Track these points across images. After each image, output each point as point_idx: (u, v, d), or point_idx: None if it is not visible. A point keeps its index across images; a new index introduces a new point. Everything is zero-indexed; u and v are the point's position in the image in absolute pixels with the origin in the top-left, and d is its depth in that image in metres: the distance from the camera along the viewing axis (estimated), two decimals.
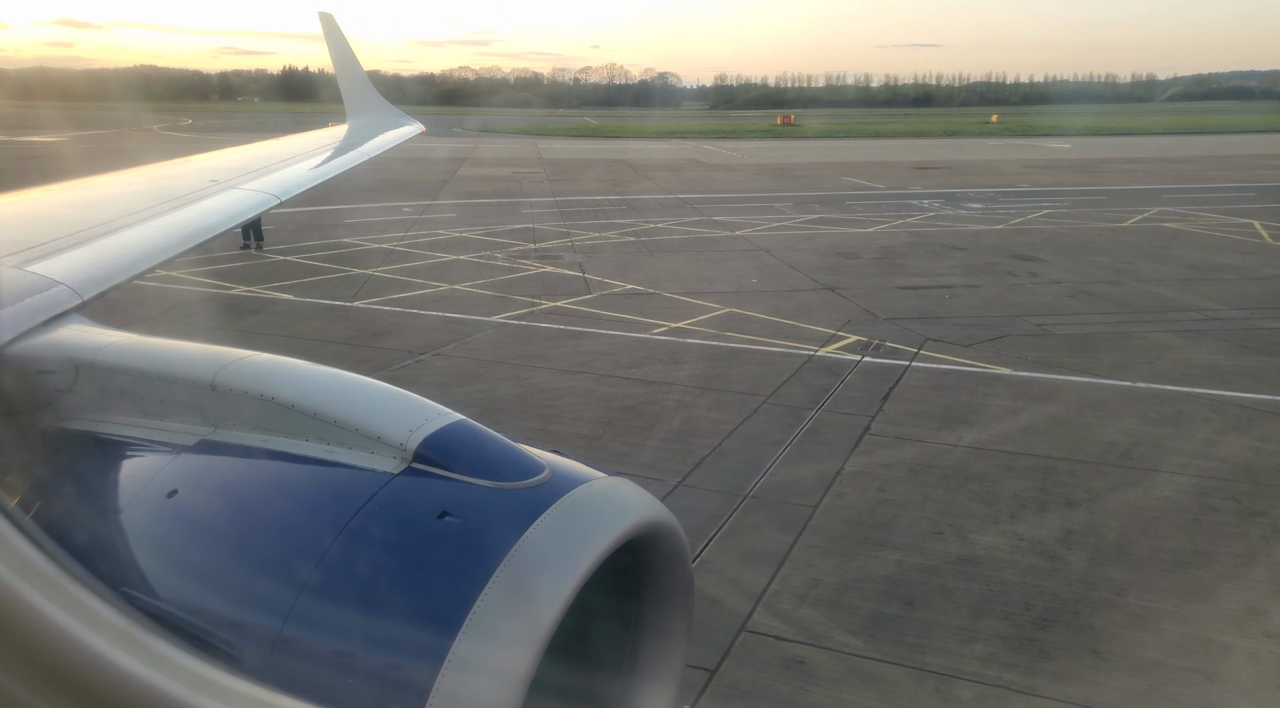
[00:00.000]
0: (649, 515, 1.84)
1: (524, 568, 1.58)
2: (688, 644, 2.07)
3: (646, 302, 16.92)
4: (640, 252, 22.37)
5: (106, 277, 3.12)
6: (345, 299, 17.07)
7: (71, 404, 2.25)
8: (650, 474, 9.05)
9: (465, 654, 1.49)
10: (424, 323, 15.37)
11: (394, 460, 1.83)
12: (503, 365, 12.99)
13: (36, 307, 2.55)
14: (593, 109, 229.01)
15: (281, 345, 13.53)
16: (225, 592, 1.71)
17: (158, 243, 3.84)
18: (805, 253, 22.24)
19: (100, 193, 4.88)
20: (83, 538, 1.91)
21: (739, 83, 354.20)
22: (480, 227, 26.01)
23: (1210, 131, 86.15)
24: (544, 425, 10.54)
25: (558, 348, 13.86)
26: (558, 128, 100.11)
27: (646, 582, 1.97)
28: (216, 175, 5.56)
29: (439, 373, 12.67)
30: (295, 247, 22.45)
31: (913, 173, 45.04)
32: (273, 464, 1.93)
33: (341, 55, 12.13)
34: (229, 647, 1.59)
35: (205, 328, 14.99)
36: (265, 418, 1.99)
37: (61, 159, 45.27)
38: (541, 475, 1.79)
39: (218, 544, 1.81)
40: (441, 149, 62.59)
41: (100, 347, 2.31)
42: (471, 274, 19.31)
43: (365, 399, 2.02)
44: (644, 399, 11.48)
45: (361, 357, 13.28)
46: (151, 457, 2.05)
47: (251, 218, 20.33)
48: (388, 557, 1.69)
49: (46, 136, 61.62)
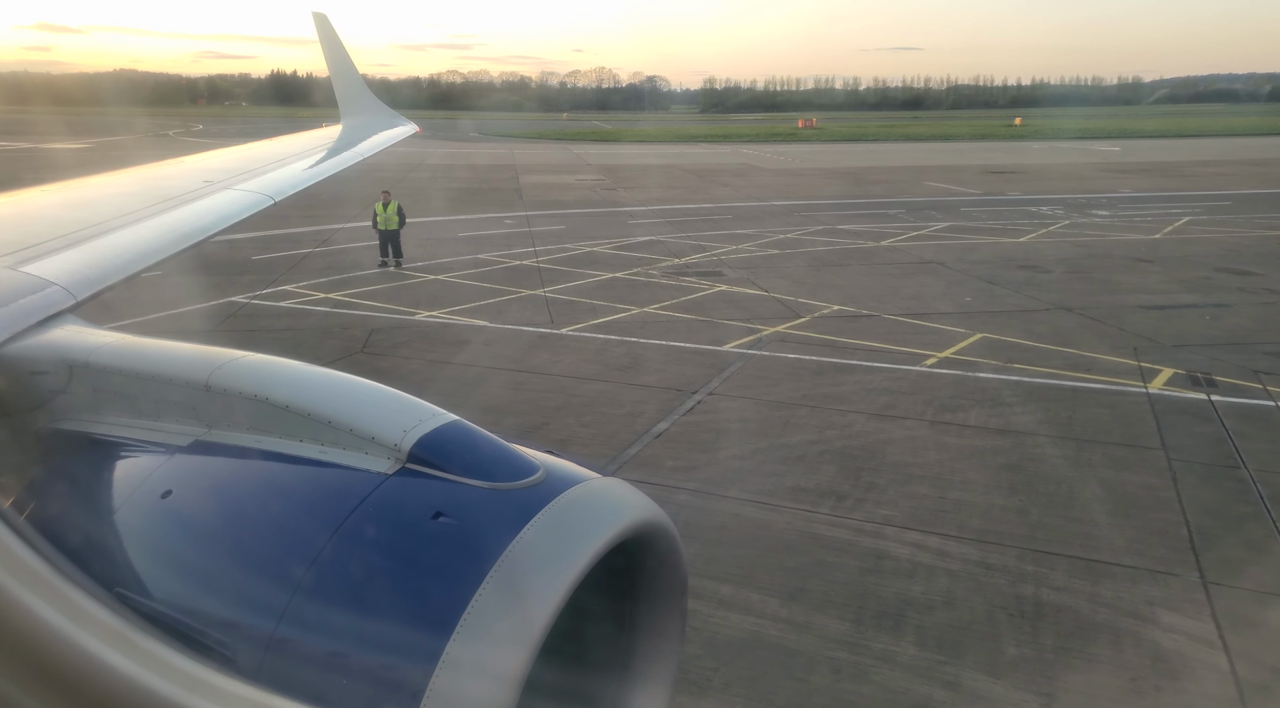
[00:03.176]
0: (643, 516, 1.81)
1: (518, 568, 1.56)
2: (682, 645, 2.04)
3: (874, 326, 15.26)
4: (801, 266, 20.69)
5: (100, 277, 3.04)
6: (547, 325, 15.29)
7: (65, 405, 2.23)
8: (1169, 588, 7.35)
9: (459, 655, 1.47)
10: (656, 354, 13.61)
11: (388, 461, 1.79)
12: (802, 408, 11.25)
13: (30, 307, 2.50)
14: (583, 112, 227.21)
15: (556, 388, 12.15)
16: (220, 592, 1.69)
17: (152, 243, 3.70)
18: (984, 266, 20.65)
19: (94, 193, 4.79)
20: (77, 539, 1.88)
21: (727, 86, 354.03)
22: (602, 240, 24.23)
23: (1231, 134, 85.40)
24: (961, 520, 8.83)
25: (838, 385, 12.15)
26: (574, 132, 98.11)
27: (640, 582, 1.94)
28: (210, 176, 5.46)
29: (744, 420, 10.90)
30: (432, 264, 20.59)
31: (991, 177, 43.65)
32: (267, 465, 1.90)
33: (335, 56, 11.88)
34: (223, 647, 1.57)
35: (431, 359, 13.15)
36: (259, 418, 1.95)
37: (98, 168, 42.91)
38: (535, 476, 1.75)
39: (212, 545, 1.79)
40: (479, 156, 60.74)
41: (94, 347, 2.27)
42: (648, 295, 17.57)
43: (359, 400, 1.96)
44: (1020, 457, 9.78)
45: (634, 397, 11.52)
46: (146, 457, 2.03)
47: (388, 232, 18.81)
48: (382, 557, 1.66)
49: (69, 144, 59.08)
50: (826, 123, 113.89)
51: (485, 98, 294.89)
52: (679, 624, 2.03)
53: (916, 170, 47.91)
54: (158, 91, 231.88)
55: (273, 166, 6.39)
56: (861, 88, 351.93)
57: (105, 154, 50.47)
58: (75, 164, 43.63)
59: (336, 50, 12.17)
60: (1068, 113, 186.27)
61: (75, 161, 45.82)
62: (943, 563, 7.52)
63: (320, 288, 18.03)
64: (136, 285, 13.07)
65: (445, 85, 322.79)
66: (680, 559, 1.97)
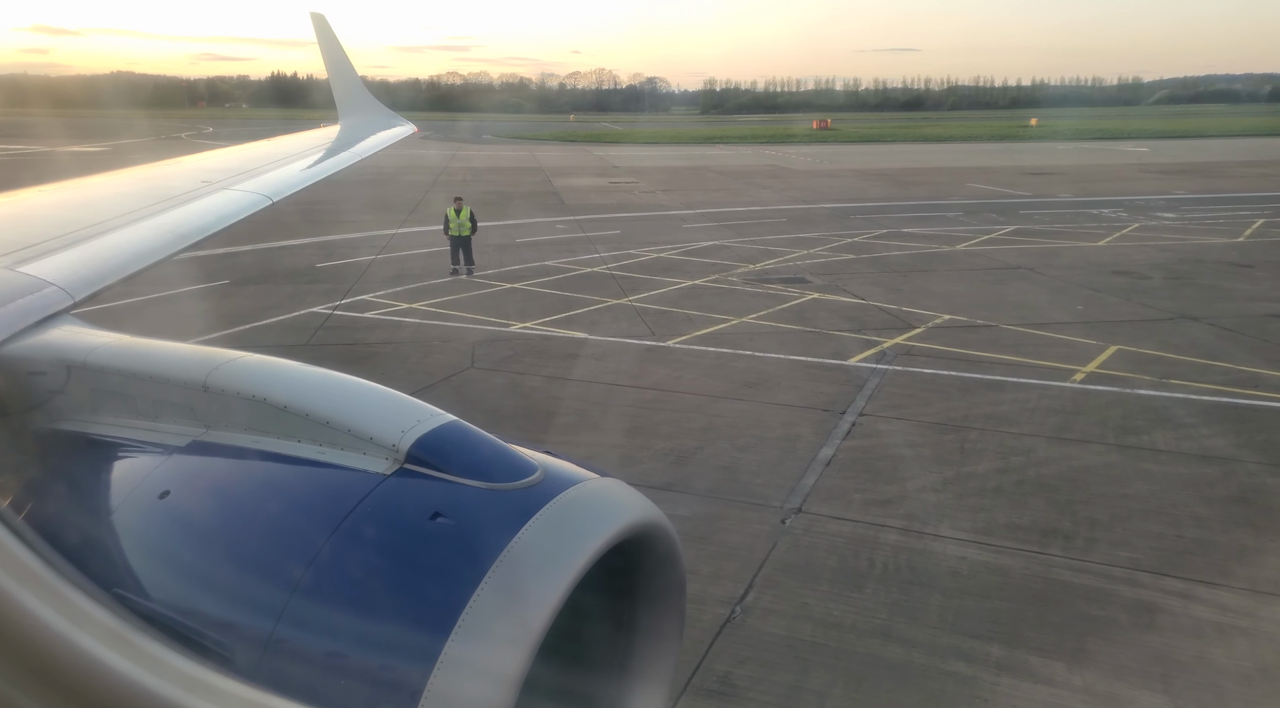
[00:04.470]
0: (641, 516, 1.79)
1: (516, 569, 1.55)
2: (680, 646, 2.02)
3: (997, 337, 14.40)
4: (885, 272, 19.84)
5: (98, 277, 2.98)
6: (649, 337, 14.41)
7: (63, 405, 2.21)
8: None
9: (458, 655, 1.46)
10: (780, 369, 12.75)
11: (386, 461, 1.77)
12: (970, 431, 10.37)
13: (28, 308, 2.48)
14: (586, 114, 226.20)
15: (692, 407, 11.31)
16: (218, 593, 1.68)
17: (150, 243, 3.65)
18: (1076, 272, 19.82)
19: (92, 194, 4.78)
20: (75, 539, 1.87)
21: (726, 88, 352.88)
22: (664, 245, 23.35)
23: (1255, 134, 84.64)
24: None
25: (995, 404, 11.28)
26: (587, 134, 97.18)
27: (639, 583, 1.93)
28: (209, 176, 5.44)
29: (914, 445, 10.00)
30: (503, 272, 19.68)
31: (1032, 179, 42.85)
32: (265, 465, 1.89)
33: (333, 56, 11.87)
34: (221, 648, 1.56)
35: (547, 375, 12.24)
36: (257, 419, 1.93)
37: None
38: (534, 476, 1.73)
39: (210, 545, 1.78)
40: (504, 158, 59.88)
41: (92, 348, 2.24)
42: (738, 304, 16.71)
43: (357, 400, 1.93)
44: (1240, 487, 8.88)
45: (780, 418, 10.65)
46: (144, 458, 2.01)
47: (460, 238, 18.17)
48: (380, 558, 1.65)
49: (85, 147, 58.07)
50: (839, 124, 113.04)
51: (485, 99, 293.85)
52: (677, 625, 2.01)
53: (951, 172, 47.11)
54: (157, 94, 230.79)
55: (271, 167, 6.30)
56: (861, 89, 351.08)
57: (125, 158, 49.40)
58: (96, 169, 42.68)
59: (334, 51, 12.07)
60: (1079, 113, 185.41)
61: (95, 166, 44.88)
62: (1229, 619, 6.66)
63: (399, 297, 17.12)
64: (211, 296, 12.29)
65: (445, 87, 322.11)
66: (679, 560, 1.93)
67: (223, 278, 18.31)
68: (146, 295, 17.17)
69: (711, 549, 7.71)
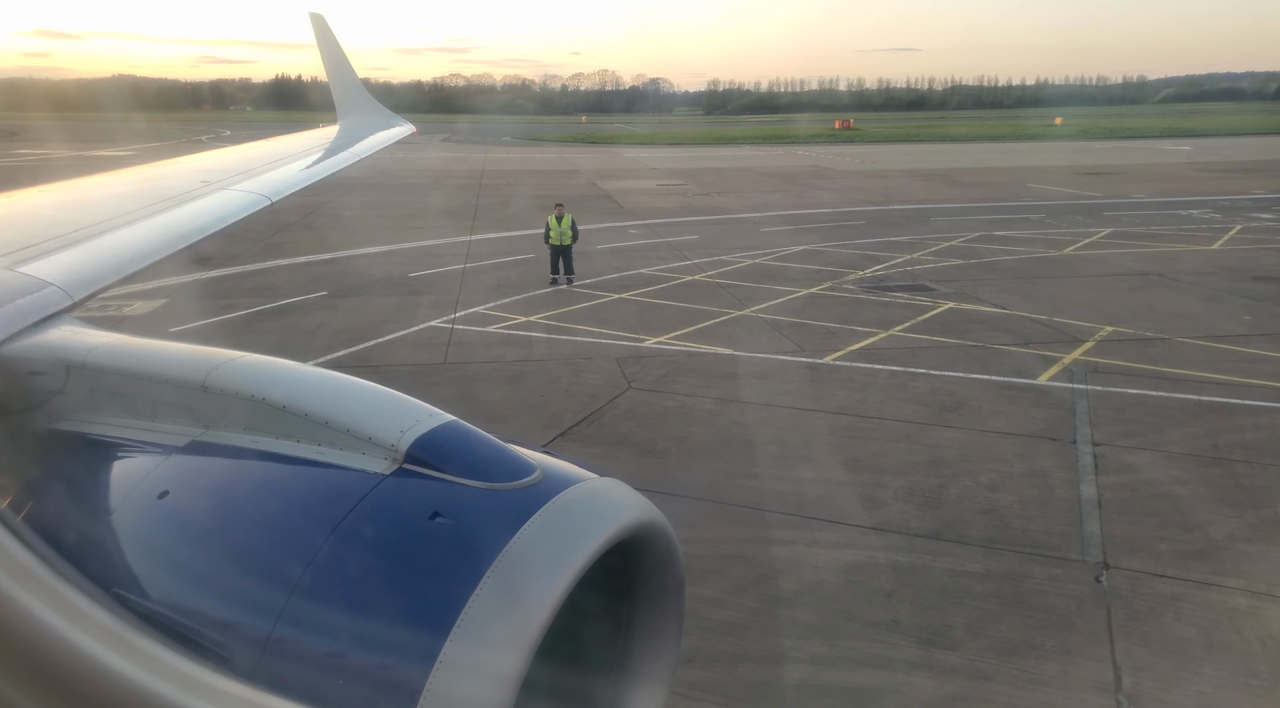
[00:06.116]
0: (640, 516, 1.76)
1: (515, 569, 1.53)
2: (679, 646, 1.99)
3: (1180, 352, 13.24)
4: (1007, 278, 18.69)
5: (97, 278, 2.96)
6: (799, 353, 13.23)
7: (63, 405, 2.18)
8: None
9: (456, 655, 1.44)
10: (967, 389, 11.58)
11: (385, 461, 1.74)
12: (1238, 465, 9.18)
13: (27, 308, 2.45)
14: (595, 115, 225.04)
15: (900, 435, 10.13)
16: (216, 593, 1.65)
17: (149, 244, 3.59)
18: (1210, 277, 18.66)
19: (91, 194, 4.75)
20: (74, 539, 1.83)
21: (728, 88, 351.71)
22: (753, 251, 22.19)
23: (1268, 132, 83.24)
24: None
25: (1240, 432, 10.12)
26: (607, 135, 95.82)
27: (638, 583, 1.91)
28: (207, 176, 5.42)
29: (1183, 482, 8.79)
30: (602, 281, 18.47)
31: (1095, 179, 41.66)
32: (264, 465, 1.86)
33: (333, 57, 11.95)
34: (220, 648, 1.54)
35: (717, 397, 11.06)
36: (256, 419, 1.90)
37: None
38: (532, 476, 1.70)
39: (209, 545, 1.75)
40: (535, 161, 58.69)
41: (91, 348, 2.21)
42: (874, 315, 15.56)
43: (356, 400, 1.89)
44: None
45: (1008, 449, 9.48)
46: (143, 458, 1.99)
47: (562, 247, 17.18)
48: (379, 558, 1.62)
49: (111, 151, 56.92)
50: (860, 124, 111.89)
51: (488, 101, 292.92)
52: (676, 625, 1.97)
53: (1005, 172, 45.95)
54: (161, 97, 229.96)
55: (270, 167, 6.25)
56: (865, 88, 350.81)
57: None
58: None
59: (334, 51, 12.07)
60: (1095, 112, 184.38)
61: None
62: None
63: (511, 309, 15.94)
64: (315, 308, 11.12)
65: (448, 89, 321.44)
66: (678, 560, 1.89)
67: (317, 289, 17.15)
68: (248, 310, 16.00)
69: (1038, 617, 6.53)
